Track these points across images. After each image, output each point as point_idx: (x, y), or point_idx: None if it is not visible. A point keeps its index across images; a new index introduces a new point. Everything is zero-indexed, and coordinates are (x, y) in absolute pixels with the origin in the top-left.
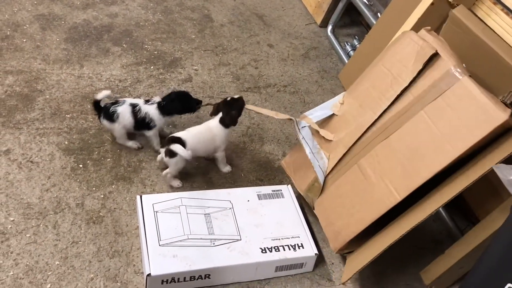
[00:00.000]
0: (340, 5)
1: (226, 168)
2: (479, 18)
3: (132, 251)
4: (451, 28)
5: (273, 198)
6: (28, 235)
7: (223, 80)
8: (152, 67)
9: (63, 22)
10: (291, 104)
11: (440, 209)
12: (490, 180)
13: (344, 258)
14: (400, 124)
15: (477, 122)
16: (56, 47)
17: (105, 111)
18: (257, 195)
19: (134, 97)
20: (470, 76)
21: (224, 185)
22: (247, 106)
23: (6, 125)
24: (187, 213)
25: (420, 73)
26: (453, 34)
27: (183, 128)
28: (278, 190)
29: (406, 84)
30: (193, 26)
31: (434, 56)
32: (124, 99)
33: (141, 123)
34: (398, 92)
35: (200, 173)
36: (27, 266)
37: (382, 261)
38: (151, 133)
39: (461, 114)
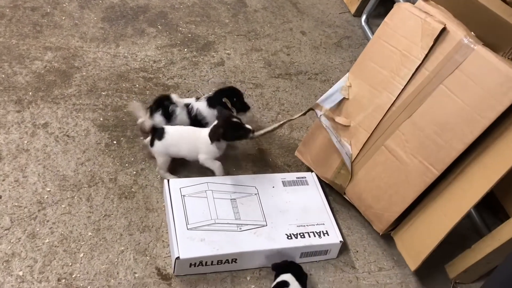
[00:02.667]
0: None
1: (218, 172)
2: None
3: (161, 227)
4: None
5: (298, 185)
6: (63, 206)
7: (255, 66)
8: (185, 50)
9: (100, 2)
10: (322, 92)
11: None
12: None
13: (367, 247)
14: (421, 101)
15: (502, 89)
16: (94, 25)
17: (164, 109)
18: (282, 181)
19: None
20: (483, 44)
21: (252, 168)
22: (257, 133)
23: (44, 99)
24: (213, 198)
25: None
26: None
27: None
28: (302, 177)
29: (420, 62)
30: (227, 10)
31: (443, 30)
32: (178, 100)
33: (195, 121)
34: (413, 70)
35: (228, 156)
36: (62, 235)
37: None
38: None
39: (483, 83)
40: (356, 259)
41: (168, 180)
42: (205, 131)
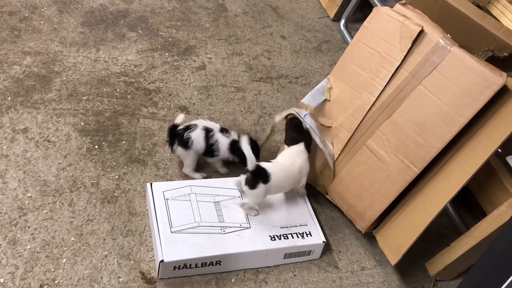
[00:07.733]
0: (354, 0)
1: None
2: (494, 16)
3: (145, 231)
4: None
5: None
6: (44, 211)
7: (236, 70)
8: (166, 54)
9: (80, 6)
10: (303, 95)
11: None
12: (497, 175)
13: (350, 247)
14: (400, 101)
15: (478, 89)
16: (73, 30)
17: (179, 138)
18: None
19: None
20: (459, 46)
21: (235, 171)
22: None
23: (24, 105)
24: (197, 201)
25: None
26: (420, 1)
27: None
28: None
29: (399, 63)
30: (208, 15)
31: (421, 32)
32: (195, 123)
33: (209, 149)
34: (392, 71)
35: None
36: (44, 241)
37: None
38: (213, 160)
39: (460, 83)
40: (339, 259)
41: (151, 184)
42: (299, 153)
